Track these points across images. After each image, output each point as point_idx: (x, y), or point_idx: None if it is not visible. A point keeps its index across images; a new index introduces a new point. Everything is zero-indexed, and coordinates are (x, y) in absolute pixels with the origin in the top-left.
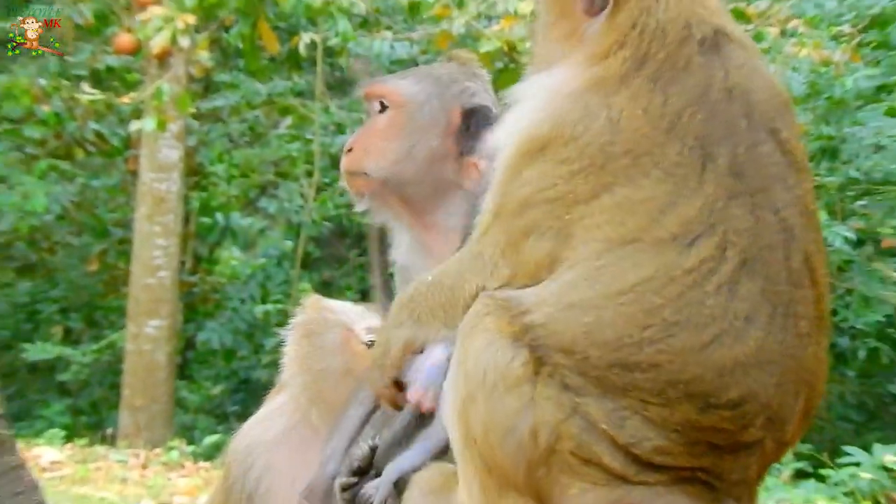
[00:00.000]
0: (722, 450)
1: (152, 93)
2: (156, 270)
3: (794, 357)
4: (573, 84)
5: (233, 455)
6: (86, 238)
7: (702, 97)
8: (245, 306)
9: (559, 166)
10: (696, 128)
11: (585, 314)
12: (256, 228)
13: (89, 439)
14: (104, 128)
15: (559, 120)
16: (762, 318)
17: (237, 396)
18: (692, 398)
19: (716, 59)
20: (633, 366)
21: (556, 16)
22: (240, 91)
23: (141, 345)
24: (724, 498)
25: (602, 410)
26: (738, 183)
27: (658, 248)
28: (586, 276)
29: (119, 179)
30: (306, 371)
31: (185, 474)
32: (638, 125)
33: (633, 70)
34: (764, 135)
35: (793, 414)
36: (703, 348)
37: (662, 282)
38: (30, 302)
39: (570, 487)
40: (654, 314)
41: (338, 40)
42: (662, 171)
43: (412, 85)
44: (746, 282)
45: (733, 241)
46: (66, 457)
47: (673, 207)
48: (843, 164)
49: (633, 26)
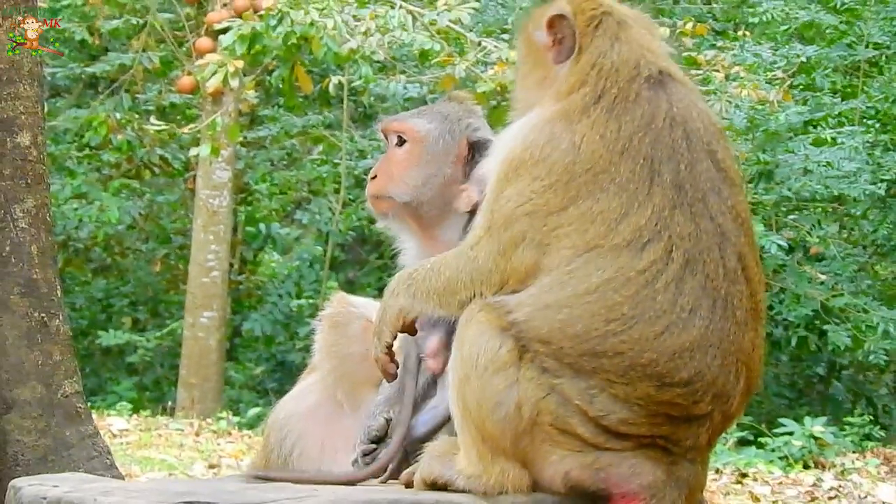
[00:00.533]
0: (677, 420)
1: (208, 125)
2: (209, 271)
3: (733, 342)
4: (543, 116)
5: (271, 425)
6: (151, 244)
7: (649, 124)
8: (283, 301)
9: (532, 182)
10: (645, 149)
11: (559, 312)
12: (292, 236)
13: (152, 411)
14: (168, 153)
15: (530, 144)
16: (704, 310)
17: (275, 376)
18: (650, 378)
19: (661, 94)
20: (600, 353)
21: (531, 66)
22: (279, 123)
23: (196, 332)
24: (679, 460)
25: (575, 389)
26: (680, 195)
27: (615, 253)
28: (559, 280)
29: (180, 196)
30: (333, 356)
31: (232, 441)
32: (596, 148)
33: (592, 103)
34: (702, 155)
35: (735, 390)
36: (657, 337)
37: (621, 282)
38: (104, 297)
39: (551, 454)
40: (614, 310)
41: (361, 82)
42: (617, 185)
43: (427, 122)
44: (689, 279)
45: (678, 244)
46: (132, 426)
47: (626, 217)
48: (777, 184)
49: (592, 67)
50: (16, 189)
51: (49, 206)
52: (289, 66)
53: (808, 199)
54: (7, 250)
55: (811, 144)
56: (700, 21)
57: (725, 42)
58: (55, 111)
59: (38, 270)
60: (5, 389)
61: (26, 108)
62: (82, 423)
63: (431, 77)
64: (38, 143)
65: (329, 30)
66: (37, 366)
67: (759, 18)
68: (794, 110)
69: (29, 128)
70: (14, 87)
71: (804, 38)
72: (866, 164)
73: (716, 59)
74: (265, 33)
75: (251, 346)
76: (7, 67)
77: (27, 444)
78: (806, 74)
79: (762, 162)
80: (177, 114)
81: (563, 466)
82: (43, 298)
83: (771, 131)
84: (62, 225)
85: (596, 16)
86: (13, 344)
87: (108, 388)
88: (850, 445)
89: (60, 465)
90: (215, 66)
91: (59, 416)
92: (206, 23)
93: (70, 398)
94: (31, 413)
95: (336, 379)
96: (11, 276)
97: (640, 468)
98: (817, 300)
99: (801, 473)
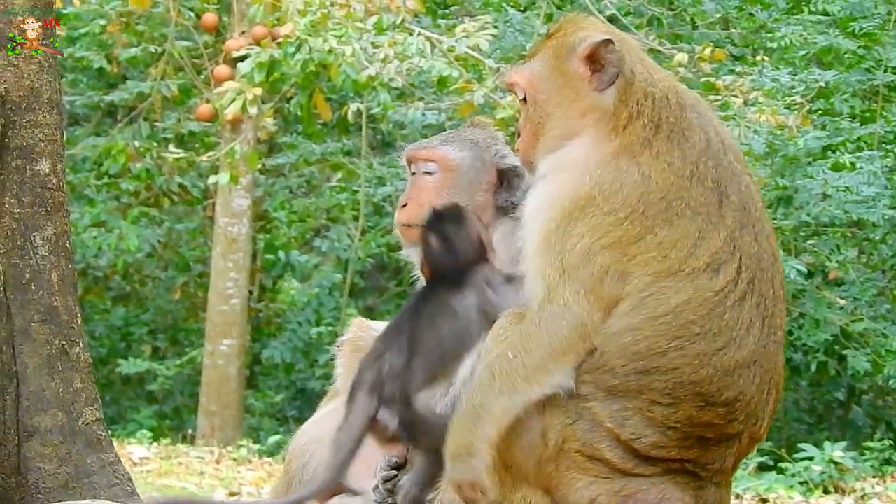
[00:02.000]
0: (708, 442)
1: (226, 152)
2: (228, 299)
3: (772, 361)
4: (603, 152)
5: (293, 451)
6: (171, 272)
7: (707, 148)
8: (302, 328)
9: (607, 216)
10: (711, 173)
11: (623, 337)
12: (312, 264)
13: (172, 439)
14: (187, 181)
15: (597, 181)
16: (756, 329)
17: (295, 403)
18: (696, 397)
19: (705, 119)
20: (653, 370)
21: (571, 98)
22: (298, 151)
23: (216, 360)
24: (706, 485)
25: (607, 411)
26: (745, 215)
27: (694, 275)
28: (632, 305)
29: (199, 224)
30: None
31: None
32: (666, 176)
33: (652, 134)
34: (746, 176)
35: (765, 412)
36: (716, 353)
37: (698, 302)
38: (124, 325)
39: (577, 481)
40: (685, 328)
41: (379, 109)
42: (692, 210)
43: (458, 151)
44: (749, 298)
45: (746, 264)
46: (152, 454)
47: (703, 240)
48: (796, 209)
49: (644, 97)
50: (36, 216)
51: (69, 234)
52: (307, 93)
53: (827, 223)
54: (27, 278)
55: (830, 169)
56: (718, 46)
57: (744, 67)
58: (74, 139)
59: (58, 298)
60: (26, 417)
61: (46, 135)
62: (103, 451)
63: (450, 104)
64: (58, 171)
65: (347, 57)
66: (57, 393)
67: (777, 43)
68: (813, 135)
69: (48, 155)
70: (33, 114)
71: (822, 63)
72: (885, 189)
73: (734, 84)
74: (283, 61)
75: (271, 373)
76: (26, 94)
77: (48, 472)
78: (824, 99)
79: (781, 187)
80: (195, 142)
81: (589, 493)
82: (63, 326)
83: (790, 156)
84: (81, 253)
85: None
86: (34, 372)
87: (128, 416)
88: (869, 470)
89: (82, 492)
90: (234, 94)
91: (81, 444)
92: (224, 50)
93: (91, 425)
94: (52, 441)
95: None
96: (32, 303)
97: (668, 494)
98: (837, 325)
99: (821, 498)
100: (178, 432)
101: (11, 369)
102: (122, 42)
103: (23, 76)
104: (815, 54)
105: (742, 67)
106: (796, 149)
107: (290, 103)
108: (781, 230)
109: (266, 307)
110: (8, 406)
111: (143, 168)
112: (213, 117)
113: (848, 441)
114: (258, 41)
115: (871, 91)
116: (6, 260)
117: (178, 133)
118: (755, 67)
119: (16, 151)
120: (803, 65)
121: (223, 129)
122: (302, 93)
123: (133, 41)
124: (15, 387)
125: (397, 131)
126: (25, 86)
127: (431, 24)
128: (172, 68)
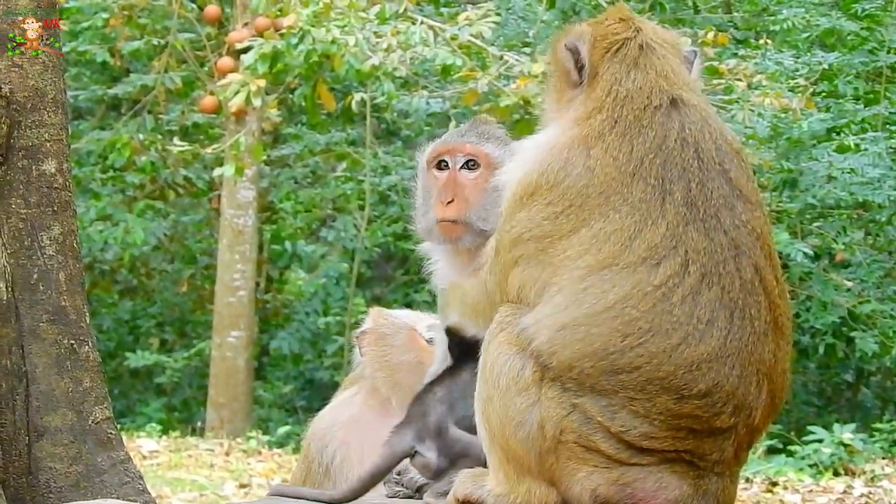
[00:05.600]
0: (701, 433)
1: (231, 144)
2: (235, 290)
3: (752, 353)
4: (560, 140)
5: (311, 436)
6: (177, 265)
7: (660, 146)
8: (310, 319)
9: (545, 208)
10: (656, 170)
11: (576, 332)
12: (318, 254)
13: (181, 431)
14: (192, 173)
15: (546, 168)
16: (721, 321)
17: (304, 393)
18: (668, 391)
19: (673, 117)
20: (618, 370)
21: (555, 83)
22: (303, 141)
23: (224, 352)
24: (706, 474)
25: (596, 406)
26: (692, 211)
27: (631, 269)
28: (574, 298)
29: (204, 216)
30: (385, 367)
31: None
32: (609, 171)
33: (608, 128)
34: (713, 174)
35: (758, 402)
36: (674, 349)
37: (638, 297)
38: (131, 318)
39: (578, 471)
40: (631, 325)
41: (383, 98)
42: (629, 205)
43: (497, 148)
44: (706, 292)
45: (693, 258)
46: (162, 447)
47: (640, 234)
48: (802, 192)
49: (607, 94)
50: (42, 217)
51: (76, 233)
52: (311, 83)
53: (832, 206)
54: (35, 278)
55: (834, 151)
56: (721, 30)
57: (747, 51)
58: (78, 134)
59: (66, 297)
60: (36, 417)
61: (51, 135)
62: (114, 449)
63: (454, 92)
64: (64, 171)
65: (351, 47)
66: (67, 393)
67: (780, 26)
68: (817, 118)
69: (54, 155)
70: (38, 114)
71: (825, 45)
72: (890, 170)
73: (738, 68)
74: (287, 52)
75: (279, 364)
76: (31, 95)
77: (59, 472)
78: (828, 81)
79: (786, 170)
80: (200, 134)
81: (590, 483)
82: (72, 325)
83: (794, 139)
84: (87, 247)
85: (616, 41)
86: (43, 371)
87: (136, 409)
88: (879, 452)
89: (93, 491)
90: (238, 86)
91: (91, 443)
92: (227, 42)
93: (101, 424)
94: (62, 440)
95: (390, 388)
96: (40, 303)
97: (666, 482)
98: (844, 307)
99: (831, 481)
100: (188, 425)
101: (21, 369)
102: (124, 35)
103: (27, 77)
104: (817, 36)
105: (745, 51)
106: (800, 132)
107: (293, 94)
108: (787, 213)
109: (273, 298)
110: (18, 406)
111: (147, 161)
112: (217, 109)
113: (857, 423)
114: (261, 32)
115: (874, 73)
116: (14, 260)
117: (183, 125)
118: (758, 51)
119: (21, 152)
120: (806, 47)
121: (227, 121)
122: (306, 83)
123: (136, 34)
124: (24, 387)
125: (401, 120)
126: (30, 86)
127: (434, 13)
128: (176, 61)
